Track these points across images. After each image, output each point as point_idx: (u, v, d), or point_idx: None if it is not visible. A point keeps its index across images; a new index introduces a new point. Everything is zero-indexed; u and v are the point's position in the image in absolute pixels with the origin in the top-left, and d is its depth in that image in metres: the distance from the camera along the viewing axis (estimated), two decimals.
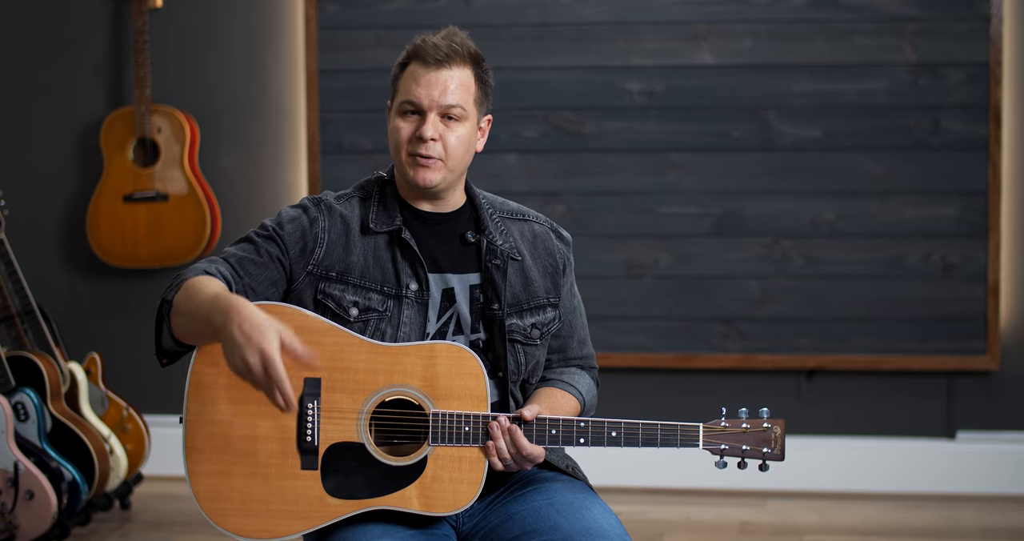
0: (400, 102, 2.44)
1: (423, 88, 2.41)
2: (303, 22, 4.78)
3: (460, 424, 2.35)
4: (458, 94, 2.42)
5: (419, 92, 2.41)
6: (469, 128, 2.45)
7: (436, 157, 2.42)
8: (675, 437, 2.39)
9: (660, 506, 4.55)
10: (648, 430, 2.38)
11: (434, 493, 2.35)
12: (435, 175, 2.43)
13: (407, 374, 2.36)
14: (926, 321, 4.63)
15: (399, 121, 2.44)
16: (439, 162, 2.42)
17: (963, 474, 4.66)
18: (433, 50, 2.41)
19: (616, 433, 2.38)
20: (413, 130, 2.42)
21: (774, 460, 2.41)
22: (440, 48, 2.41)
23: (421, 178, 2.42)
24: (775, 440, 2.41)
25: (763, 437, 2.41)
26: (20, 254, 4.49)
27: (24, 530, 4.00)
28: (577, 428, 2.37)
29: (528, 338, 2.50)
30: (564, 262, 2.58)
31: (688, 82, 4.67)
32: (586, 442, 2.37)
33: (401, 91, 2.44)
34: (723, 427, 2.41)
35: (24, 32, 4.93)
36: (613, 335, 4.72)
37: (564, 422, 2.37)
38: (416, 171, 2.42)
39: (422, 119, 2.42)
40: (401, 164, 2.45)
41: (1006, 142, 4.59)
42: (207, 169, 4.85)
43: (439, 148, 2.42)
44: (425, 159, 2.41)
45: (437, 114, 2.41)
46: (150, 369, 4.70)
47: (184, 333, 2.33)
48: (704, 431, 2.40)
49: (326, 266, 2.44)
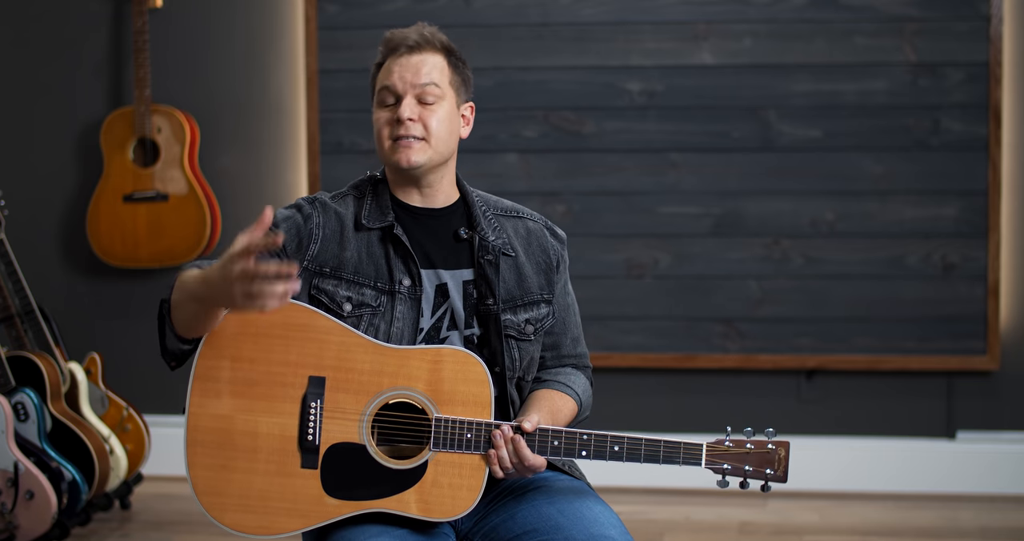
0: (377, 92, 2.49)
1: (396, 73, 2.46)
2: (303, 22, 4.78)
3: (463, 431, 2.35)
4: (433, 74, 2.46)
5: (393, 78, 2.46)
6: (448, 108, 2.47)
7: (418, 137, 2.44)
8: (678, 455, 2.38)
9: (660, 506, 4.55)
10: (651, 447, 2.37)
11: (433, 498, 2.34)
12: (419, 155, 2.44)
13: (412, 377, 2.36)
14: (926, 321, 4.63)
15: (378, 112, 2.48)
16: (422, 142, 2.44)
17: (963, 474, 4.66)
18: (403, 38, 2.48)
19: (619, 448, 2.37)
20: (392, 115, 2.45)
21: (777, 482, 2.37)
22: (410, 36, 2.48)
23: (405, 159, 2.44)
24: (779, 462, 2.37)
25: (766, 458, 2.37)
26: (20, 254, 4.49)
27: (24, 530, 4.00)
28: (580, 441, 2.37)
29: (522, 334, 2.50)
30: (558, 259, 2.58)
31: (688, 82, 4.67)
32: (588, 455, 2.37)
33: (378, 83, 2.49)
34: (727, 446, 2.37)
35: (24, 32, 4.93)
36: (613, 335, 4.72)
37: (567, 435, 2.37)
38: (399, 153, 2.44)
39: (399, 104, 2.45)
40: (385, 153, 2.47)
41: (1006, 142, 4.59)
42: (207, 169, 4.85)
43: (419, 128, 2.44)
44: (407, 140, 2.44)
45: (413, 97, 2.45)
46: (150, 369, 4.72)
47: (185, 323, 2.34)
48: (707, 450, 2.37)
49: (320, 262, 2.45)
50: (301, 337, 2.36)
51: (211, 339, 2.35)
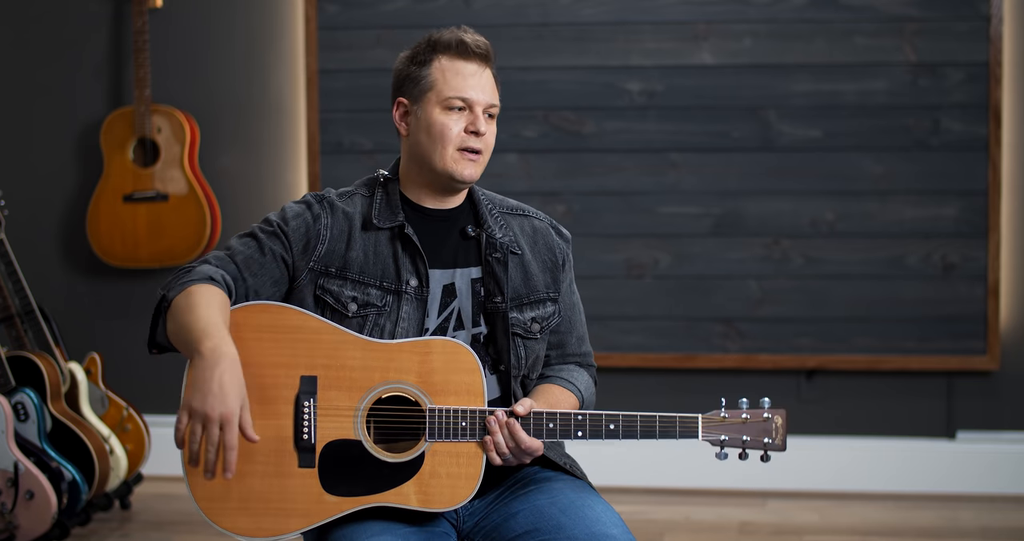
0: (447, 97, 2.43)
1: (474, 86, 2.43)
2: (303, 22, 4.78)
3: (457, 419, 2.35)
4: (496, 93, 2.47)
5: (471, 91, 2.42)
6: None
7: (482, 151, 2.45)
8: (674, 428, 2.37)
9: (660, 506, 4.55)
10: (646, 422, 2.37)
11: (432, 489, 2.35)
12: (479, 169, 2.47)
13: (403, 370, 2.36)
14: (926, 321, 4.63)
15: (445, 116, 2.43)
16: (482, 157, 2.46)
17: (963, 474, 4.66)
18: (475, 46, 2.44)
19: (614, 426, 2.37)
20: (465, 125, 2.43)
21: (775, 450, 2.38)
22: (480, 45, 2.44)
23: (469, 173, 2.45)
24: (776, 430, 2.38)
25: (764, 427, 2.38)
26: (20, 254, 4.49)
27: (24, 530, 4.00)
28: (575, 421, 2.37)
29: (528, 332, 2.51)
30: (563, 258, 2.59)
31: (688, 82, 4.67)
32: (584, 435, 2.37)
33: (442, 85, 2.43)
34: (723, 418, 2.39)
35: (24, 32, 4.93)
36: (613, 335, 4.72)
37: (562, 415, 2.37)
38: (465, 166, 2.44)
39: (472, 114, 2.43)
40: (444, 159, 2.44)
41: (1006, 142, 4.59)
42: (207, 169, 4.85)
43: (483, 144, 2.45)
44: (475, 154, 2.44)
45: (483, 111, 2.45)
46: (150, 369, 4.72)
47: (171, 338, 2.35)
48: (703, 422, 2.38)
49: (326, 262, 2.45)
50: (291, 338, 2.36)
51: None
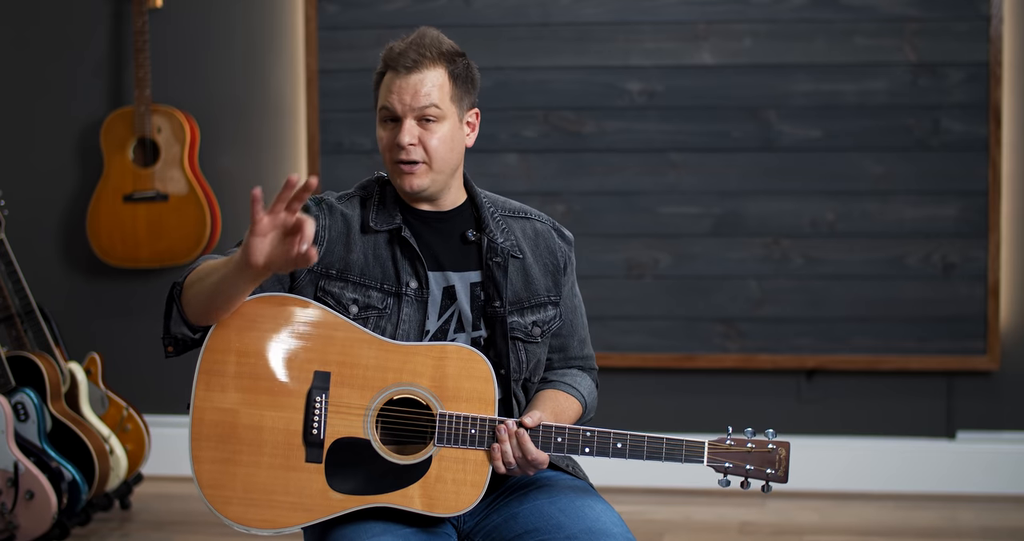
0: (379, 110, 2.47)
1: (395, 95, 2.42)
2: (303, 22, 4.78)
3: (467, 426, 2.35)
4: (432, 95, 2.42)
5: (392, 99, 2.43)
6: (450, 127, 2.45)
7: (419, 161, 2.43)
8: (679, 452, 2.38)
9: (660, 506, 4.55)
10: (653, 444, 2.37)
11: (437, 494, 2.35)
12: (421, 180, 2.44)
13: (417, 373, 2.37)
14: (926, 321, 4.64)
15: (380, 130, 2.47)
16: (423, 166, 2.43)
17: (963, 474, 4.67)
18: (401, 57, 2.42)
19: (621, 445, 2.37)
20: (393, 137, 2.44)
21: (777, 482, 2.39)
22: (407, 55, 2.42)
23: (408, 184, 2.44)
24: (779, 462, 2.39)
25: (767, 458, 2.39)
26: (20, 254, 4.49)
27: (24, 530, 4.00)
28: (583, 437, 2.37)
29: (529, 336, 2.51)
30: (565, 261, 2.58)
31: (688, 82, 4.67)
32: (591, 452, 2.37)
33: (380, 99, 2.47)
34: (728, 445, 2.39)
35: (24, 32, 4.94)
36: (613, 335, 4.72)
37: (570, 431, 2.37)
38: (402, 178, 2.45)
39: (399, 126, 2.43)
40: (390, 173, 2.48)
41: (1006, 142, 4.59)
42: (207, 169, 4.85)
43: (420, 152, 2.43)
44: (408, 165, 2.43)
45: (413, 119, 2.42)
46: (150, 369, 4.72)
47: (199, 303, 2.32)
48: (710, 448, 2.38)
49: (326, 264, 2.45)
50: (307, 332, 2.37)
51: (217, 333, 2.36)
